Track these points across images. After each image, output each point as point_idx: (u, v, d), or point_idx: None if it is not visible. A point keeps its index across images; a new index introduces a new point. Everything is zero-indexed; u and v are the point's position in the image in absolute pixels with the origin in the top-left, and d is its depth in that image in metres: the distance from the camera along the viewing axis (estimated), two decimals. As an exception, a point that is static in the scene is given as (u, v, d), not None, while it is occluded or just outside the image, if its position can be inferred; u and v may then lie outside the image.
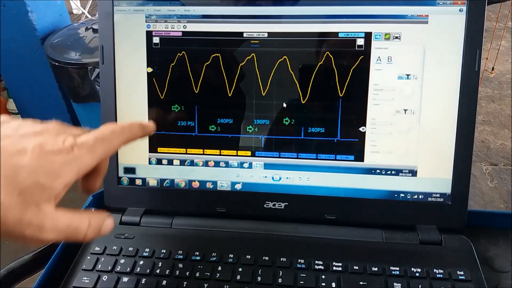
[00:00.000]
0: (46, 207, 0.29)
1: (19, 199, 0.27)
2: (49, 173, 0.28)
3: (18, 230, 0.28)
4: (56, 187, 0.29)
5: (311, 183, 0.47)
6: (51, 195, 0.29)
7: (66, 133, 0.32)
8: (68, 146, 0.30)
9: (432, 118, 0.44)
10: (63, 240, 0.30)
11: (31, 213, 0.28)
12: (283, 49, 0.45)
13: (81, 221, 0.31)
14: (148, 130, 0.38)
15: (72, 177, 0.30)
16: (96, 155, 0.32)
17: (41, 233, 0.29)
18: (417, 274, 0.41)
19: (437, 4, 0.43)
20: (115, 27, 0.47)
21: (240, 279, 0.41)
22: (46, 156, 0.29)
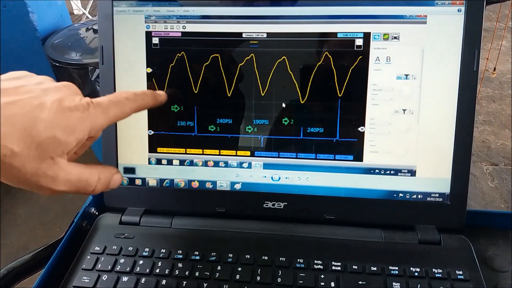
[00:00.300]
0: (60, 160, 0.31)
1: (36, 152, 0.29)
2: (65, 129, 0.30)
3: (34, 180, 0.30)
4: (70, 142, 0.31)
5: (310, 183, 0.47)
6: (65, 150, 0.31)
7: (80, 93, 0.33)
8: (85, 104, 0.32)
9: (431, 118, 0.44)
10: (74, 192, 0.33)
11: (46, 165, 0.30)
12: (282, 50, 0.45)
13: (91, 175, 0.33)
14: (160, 99, 0.40)
15: (85, 134, 0.32)
16: (108, 117, 0.33)
17: (54, 184, 0.31)
18: (416, 273, 0.41)
19: (436, 5, 0.43)
20: (114, 28, 0.47)
21: (239, 279, 0.41)
22: (63, 111, 0.30)
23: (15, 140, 0.28)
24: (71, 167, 0.32)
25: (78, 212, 0.49)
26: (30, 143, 0.29)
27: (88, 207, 0.50)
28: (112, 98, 0.34)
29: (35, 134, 0.29)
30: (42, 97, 0.30)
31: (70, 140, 0.31)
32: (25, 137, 0.28)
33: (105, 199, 0.49)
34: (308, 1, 0.44)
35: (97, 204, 0.51)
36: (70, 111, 0.31)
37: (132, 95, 0.36)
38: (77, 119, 0.31)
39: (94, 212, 0.50)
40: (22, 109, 0.29)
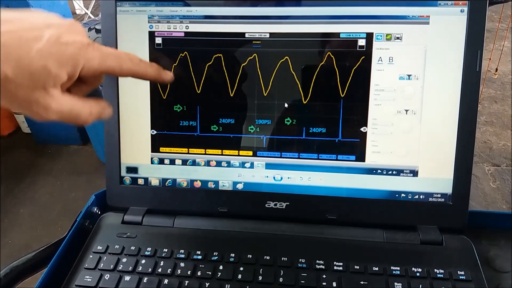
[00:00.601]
0: (52, 91, 0.32)
1: (29, 81, 0.30)
2: (56, 60, 0.31)
3: (26, 107, 0.31)
4: (61, 74, 0.31)
5: (312, 183, 0.47)
6: (57, 82, 0.32)
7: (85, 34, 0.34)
8: (85, 42, 0.33)
9: (433, 118, 0.44)
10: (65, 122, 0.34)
11: (39, 94, 0.31)
12: (285, 50, 0.45)
13: (83, 108, 0.34)
14: (164, 77, 0.40)
15: (76, 69, 0.32)
16: (104, 64, 0.34)
17: (47, 113, 0.32)
18: (418, 274, 0.41)
19: (438, 5, 0.43)
20: (118, 28, 0.47)
21: (241, 278, 0.41)
22: (59, 45, 0.31)
23: (9, 67, 0.29)
24: (63, 99, 0.33)
25: (81, 211, 0.49)
26: (22, 70, 0.30)
27: (90, 206, 0.50)
28: (115, 51, 0.35)
29: (27, 63, 0.30)
30: (42, 30, 0.31)
31: (61, 72, 0.31)
32: (18, 65, 0.30)
33: (107, 198, 0.50)
34: (311, 2, 0.44)
35: (100, 204, 0.51)
36: (66, 45, 0.31)
37: (136, 59, 0.37)
38: (71, 53, 0.32)
39: (96, 211, 0.51)
40: (19, 39, 0.30)
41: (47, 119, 0.33)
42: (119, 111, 0.48)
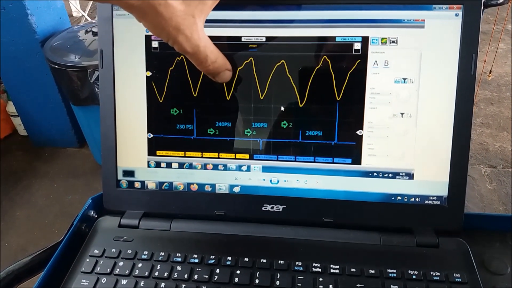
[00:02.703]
0: (199, 22, 0.35)
1: (184, 7, 0.33)
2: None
3: (173, 34, 0.34)
4: (209, 2, 0.35)
5: (309, 186, 0.47)
6: (205, 10, 0.35)
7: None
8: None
9: (428, 121, 0.44)
10: (192, 56, 0.37)
11: (188, 23, 0.34)
12: (281, 53, 0.45)
13: (212, 53, 0.37)
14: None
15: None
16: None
17: (187, 42, 0.34)
18: (414, 276, 0.41)
19: (433, 9, 0.43)
20: (114, 31, 0.47)
21: (238, 282, 0.41)
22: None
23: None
24: (203, 34, 0.36)
25: (77, 215, 0.49)
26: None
27: (87, 210, 0.50)
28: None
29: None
30: None
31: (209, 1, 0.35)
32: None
33: (104, 201, 0.50)
34: (307, 6, 0.45)
35: (96, 207, 0.51)
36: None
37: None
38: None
39: (93, 215, 0.50)
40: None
41: (183, 51, 0.35)
42: (115, 114, 0.48)
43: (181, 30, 0.33)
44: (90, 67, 1.41)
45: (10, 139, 2.06)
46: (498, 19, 1.85)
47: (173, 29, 0.33)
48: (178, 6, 0.33)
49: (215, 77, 0.40)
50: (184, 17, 0.33)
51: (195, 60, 0.37)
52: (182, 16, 0.33)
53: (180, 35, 0.34)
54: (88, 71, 1.41)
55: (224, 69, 0.40)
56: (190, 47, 0.35)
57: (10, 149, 2.00)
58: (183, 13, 0.33)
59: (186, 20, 0.33)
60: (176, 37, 0.34)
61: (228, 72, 0.41)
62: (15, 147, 2.01)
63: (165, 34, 0.34)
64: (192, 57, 0.36)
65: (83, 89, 1.46)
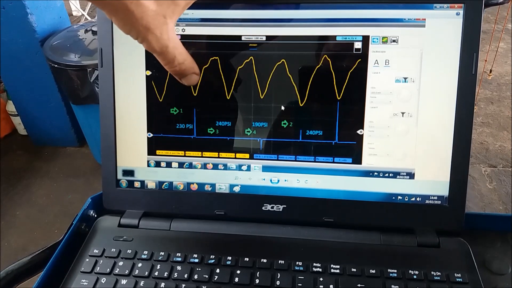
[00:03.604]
0: (169, 22, 0.35)
1: (155, 7, 0.33)
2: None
3: (144, 32, 0.34)
4: (181, 4, 0.35)
5: (309, 186, 0.47)
6: (176, 11, 0.35)
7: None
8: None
9: (429, 121, 0.44)
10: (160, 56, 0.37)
11: (158, 23, 0.34)
12: (281, 53, 0.45)
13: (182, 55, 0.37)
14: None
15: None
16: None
17: (156, 42, 0.35)
18: (415, 276, 0.41)
19: (434, 8, 0.43)
20: (114, 31, 0.47)
21: (238, 282, 0.41)
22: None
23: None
24: (174, 35, 0.36)
25: (77, 214, 0.49)
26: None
27: (87, 209, 0.50)
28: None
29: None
30: None
31: (181, 0, 0.35)
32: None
33: (104, 201, 0.49)
34: (307, 5, 0.44)
35: (96, 207, 0.51)
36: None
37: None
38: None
39: (93, 214, 0.50)
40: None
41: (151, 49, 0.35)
42: (115, 113, 0.48)
43: (151, 29, 0.34)
44: (90, 66, 1.41)
45: (10, 138, 2.06)
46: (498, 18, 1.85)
47: (143, 28, 0.33)
48: (150, 5, 0.33)
49: (182, 79, 0.40)
50: (155, 17, 0.33)
51: (162, 60, 0.37)
52: (153, 16, 0.33)
53: (150, 34, 0.34)
54: (88, 70, 1.41)
55: (191, 72, 0.39)
56: (158, 46, 0.35)
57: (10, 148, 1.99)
58: (154, 13, 0.33)
59: (157, 20, 0.34)
60: (146, 36, 0.34)
61: (195, 76, 0.40)
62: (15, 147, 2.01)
63: (134, 32, 0.34)
64: (160, 56, 0.37)
65: (83, 88, 1.45)
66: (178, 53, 0.37)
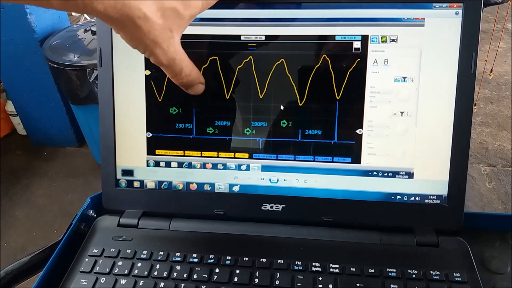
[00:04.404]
0: (176, 36, 0.35)
1: (162, 21, 0.33)
2: (183, 3, 0.35)
3: (151, 46, 0.34)
4: (186, 15, 0.35)
5: (308, 185, 0.47)
6: (181, 24, 0.35)
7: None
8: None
9: (428, 120, 0.44)
10: (167, 69, 0.37)
11: (165, 36, 0.34)
12: (280, 52, 0.45)
13: (187, 67, 0.38)
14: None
15: (197, 11, 0.37)
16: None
17: (163, 55, 0.35)
18: (414, 275, 0.41)
19: (433, 7, 0.43)
20: (113, 31, 0.47)
21: (237, 281, 0.41)
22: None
23: (149, 5, 0.32)
24: (180, 48, 0.36)
25: (76, 214, 0.49)
26: (158, 10, 0.33)
27: (86, 209, 0.50)
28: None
29: (162, 3, 0.33)
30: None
31: (186, 13, 0.35)
32: (156, 4, 0.33)
33: (103, 201, 0.49)
34: (307, 4, 0.44)
35: (95, 207, 0.51)
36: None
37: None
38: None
39: (92, 214, 0.50)
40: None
41: (159, 63, 0.36)
42: (114, 113, 0.48)
43: (158, 43, 0.34)
44: (89, 66, 1.40)
45: (9, 138, 2.06)
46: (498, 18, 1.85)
47: (150, 42, 0.34)
48: (157, 20, 0.33)
49: (188, 89, 0.41)
50: (162, 31, 0.34)
51: (169, 72, 0.37)
52: (160, 30, 0.33)
53: (157, 48, 0.34)
54: (87, 70, 1.41)
55: (197, 82, 0.40)
56: (166, 60, 0.35)
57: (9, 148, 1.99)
58: (161, 27, 0.33)
59: (164, 33, 0.34)
60: (153, 50, 0.34)
61: (201, 85, 0.41)
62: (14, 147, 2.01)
63: (142, 46, 0.34)
64: (167, 69, 0.37)
65: (82, 88, 1.45)
66: (185, 65, 0.37)
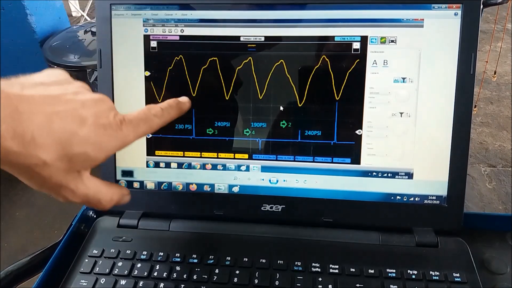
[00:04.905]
0: (84, 174, 0.32)
1: (66, 164, 0.30)
2: (97, 146, 0.31)
3: (56, 189, 0.31)
4: (100, 158, 0.31)
5: (308, 186, 0.47)
6: (93, 165, 0.32)
7: (114, 108, 0.33)
8: (118, 122, 0.32)
9: (428, 121, 0.44)
10: (86, 205, 0.35)
11: (71, 177, 0.31)
12: (280, 53, 0.45)
13: (105, 195, 0.34)
14: (184, 108, 0.41)
15: (114, 151, 0.33)
16: (137, 134, 0.34)
17: (73, 196, 0.32)
18: (414, 276, 0.41)
19: (432, 8, 0.43)
20: (113, 32, 0.47)
21: (237, 282, 0.41)
22: (98, 129, 0.31)
23: (49, 152, 0.28)
24: (91, 182, 0.33)
25: (76, 215, 0.49)
26: (62, 156, 0.29)
27: (86, 210, 0.50)
28: (142, 115, 0.35)
29: (69, 149, 0.29)
30: (80, 109, 0.30)
31: (100, 156, 0.31)
32: (59, 150, 0.29)
33: (103, 202, 0.49)
34: (306, 5, 0.45)
35: (95, 207, 0.50)
36: (104, 129, 0.31)
37: (159, 112, 0.37)
38: (110, 138, 0.31)
39: (92, 215, 0.50)
40: (61, 122, 0.29)
41: (70, 201, 0.33)
42: (114, 114, 0.48)
43: (63, 186, 0.31)
44: (89, 67, 1.41)
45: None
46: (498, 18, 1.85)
47: (54, 185, 0.30)
48: (60, 165, 0.29)
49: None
50: (67, 173, 0.30)
51: (89, 205, 0.35)
52: (63, 173, 0.30)
53: (64, 190, 0.31)
54: (88, 71, 1.41)
55: (123, 200, 0.38)
56: (78, 198, 0.32)
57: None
58: (66, 171, 0.30)
59: (69, 175, 0.30)
60: (60, 192, 0.31)
61: (127, 197, 0.38)
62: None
63: (45, 189, 0.31)
64: (85, 204, 0.35)
65: (83, 89, 1.45)
66: (103, 194, 0.34)
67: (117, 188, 0.37)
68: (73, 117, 0.30)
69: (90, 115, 0.31)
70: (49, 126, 0.28)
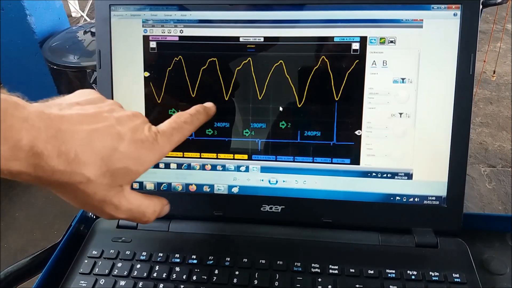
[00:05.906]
0: (126, 188, 0.32)
1: (109, 180, 0.30)
2: (137, 160, 0.32)
3: (100, 206, 0.31)
4: (140, 172, 0.32)
5: (307, 186, 0.47)
6: (134, 179, 0.32)
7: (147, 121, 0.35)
8: (153, 135, 0.33)
9: (427, 121, 0.44)
10: (129, 220, 0.35)
11: (114, 193, 0.31)
12: (279, 54, 0.45)
13: (148, 208, 0.35)
14: (210, 113, 0.42)
15: (153, 164, 0.34)
16: (172, 144, 0.35)
17: (117, 211, 0.32)
18: (413, 276, 0.41)
19: (432, 9, 0.43)
20: (112, 32, 0.47)
21: (237, 283, 0.41)
22: (136, 143, 0.32)
23: (92, 169, 0.29)
24: (132, 196, 0.34)
25: (76, 216, 0.49)
26: (105, 172, 0.30)
27: (85, 211, 0.50)
28: (173, 124, 0.36)
29: (110, 164, 0.30)
30: (117, 126, 0.31)
31: (140, 170, 0.32)
32: (101, 166, 0.30)
33: (102, 203, 0.49)
34: (305, 6, 0.45)
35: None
36: (142, 143, 0.32)
37: (189, 118, 0.38)
38: (148, 151, 0.32)
39: (91, 216, 0.50)
40: (101, 139, 0.30)
41: (114, 218, 0.33)
42: (114, 115, 0.48)
43: (107, 201, 0.31)
44: (89, 68, 1.41)
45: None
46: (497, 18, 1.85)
47: (98, 203, 0.31)
48: (103, 180, 0.30)
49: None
50: (109, 189, 0.31)
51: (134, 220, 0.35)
52: (107, 189, 0.31)
53: (107, 206, 0.32)
54: (87, 72, 1.41)
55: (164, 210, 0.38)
56: (122, 213, 0.33)
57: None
58: (108, 186, 0.31)
59: (112, 191, 0.31)
60: (104, 209, 0.32)
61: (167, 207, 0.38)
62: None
63: (89, 208, 0.32)
64: (130, 220, 0.35)
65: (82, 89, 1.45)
66: (145, 207, 0.35)
67: (157, 199, 0.37)
68: (111, 134, 0.30)
69: (127, 131, 0.32)
70: (90, 144, 0.29)
